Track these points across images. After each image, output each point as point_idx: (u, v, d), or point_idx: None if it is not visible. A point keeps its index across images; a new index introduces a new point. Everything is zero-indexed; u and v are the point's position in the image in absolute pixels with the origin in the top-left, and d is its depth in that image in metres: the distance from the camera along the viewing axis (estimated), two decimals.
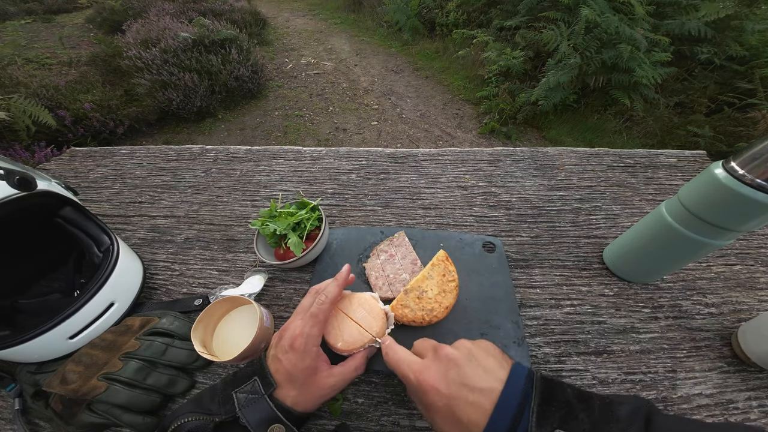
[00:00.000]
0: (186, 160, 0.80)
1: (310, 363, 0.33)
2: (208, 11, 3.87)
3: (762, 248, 0.57)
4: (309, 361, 0.33)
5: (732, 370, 0.44)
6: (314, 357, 0.34)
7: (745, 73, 2.12)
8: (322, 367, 0.34)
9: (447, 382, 0.28)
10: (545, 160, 0.74)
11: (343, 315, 0.40)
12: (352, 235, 0.60)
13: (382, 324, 0.41)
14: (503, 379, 0.27)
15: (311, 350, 0.34)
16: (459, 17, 3.48)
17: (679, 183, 0.68)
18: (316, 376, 0.34)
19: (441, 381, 0.28)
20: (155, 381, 0.41)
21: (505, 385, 0.26)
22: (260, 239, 0.55)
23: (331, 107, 3.00)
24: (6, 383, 0.44)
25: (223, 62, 2.85)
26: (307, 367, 0.33)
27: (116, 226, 0.66)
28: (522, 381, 0.26)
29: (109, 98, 2.49)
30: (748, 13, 2.14)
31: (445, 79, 3.28)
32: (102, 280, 0.47)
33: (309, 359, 0.33)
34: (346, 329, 0.38)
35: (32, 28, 4.34)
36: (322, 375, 0.34)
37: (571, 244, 0.59)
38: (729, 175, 0.36)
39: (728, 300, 0.50)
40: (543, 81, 2.36)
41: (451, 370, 0.28)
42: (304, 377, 0.33)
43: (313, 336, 0.34)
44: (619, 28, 2.12)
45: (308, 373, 0.33)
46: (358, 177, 0.73)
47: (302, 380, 0.33)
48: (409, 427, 0.41)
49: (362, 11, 4.72)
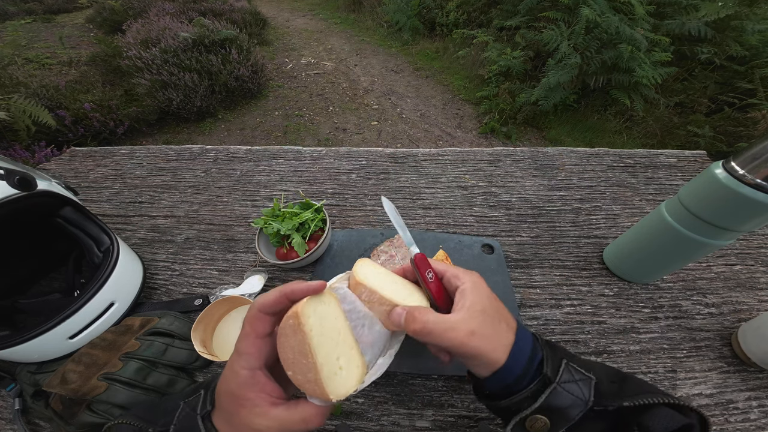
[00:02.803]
0: (186, 160, 0.80)
1: (234, 389, 0.25)
2: (208, 11, 3.87)
3: (762, 248, 0.57)
4: (234, 385, 0.25)
5: (732, 370, 0.44)
6: (242, 383, 0.25)
7: (745, 73, 2.12)
8: (256, 399, 0.24)
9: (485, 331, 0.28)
10: (545, 160, 0.74)
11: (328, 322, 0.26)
12: (352, 236, 0.60)
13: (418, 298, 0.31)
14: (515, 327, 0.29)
15: (239, 373, 0.25)
16: (459, 17, 3.48)
17: (679, 183, 0.68)
18: (242, 408, 0.25)
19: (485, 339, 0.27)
20: (155, 381, 0.41)
21: (517, 329, 0.29)
22: (262, 238, 0.55)
23: (331, 107, 3.00)
24: (6, 383, 0.44)
25: (223, 62, 2.85)
26: (230, 392, 0.25)
27: (116, 226, 0.66)
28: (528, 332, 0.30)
29: (109, 98, 2.49)
30: (749, 13, 2.14)
31: (445, 79, 3.28)
32: (102, 280, 0.47)
33: (234, 383, 0.25)
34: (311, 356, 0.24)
35: (32, 28, 4.33)
36: (252, 411, 0.24)
37: (571, 244, 0.59)
38: (729, 175, 0.36)
39: (728, 300, 0.50)
40: (543, 81, 2.36)
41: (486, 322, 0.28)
42: (228, 405, 0.25)
43: (240, 353, 0.25)
44: (620, 28, 2.12)
45: (232, 402, 0.25)
46: (358, 177, 0.73)
47: (226, 407, 0.25)
48: (409, 427, 0.41)
49: (362, 11, 4.72)
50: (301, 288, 0.26)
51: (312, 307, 0.25)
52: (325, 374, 0.23)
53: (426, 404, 0.42)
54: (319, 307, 0.25)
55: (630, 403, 0.25)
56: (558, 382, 0.26)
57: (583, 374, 0.27)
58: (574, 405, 0.25)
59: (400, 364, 0.44)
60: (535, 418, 0.26)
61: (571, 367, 0.27)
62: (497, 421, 0.41)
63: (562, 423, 0.25)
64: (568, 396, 0.26)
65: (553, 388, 0.26)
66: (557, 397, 0.26)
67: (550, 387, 0.26)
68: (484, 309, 0.28)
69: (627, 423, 0.25)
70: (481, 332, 0.27)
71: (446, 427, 0.41)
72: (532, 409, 0.26)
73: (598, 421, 0.26)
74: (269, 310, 0.26)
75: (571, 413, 0.25)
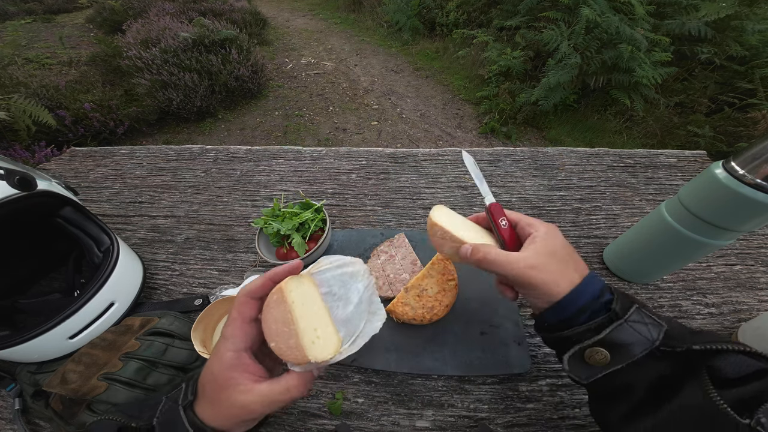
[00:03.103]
0: (186, 160, 0.80)
1: (218, 370, 0.26)
2: (208, 11, 3.87)
3: (762, 248, 0.57)
4: (217, 367, 0.27)
5: None
6: (226, 365, 0.26)
7: (745, 73, 2.12)
8: (239, 379, 0.26)
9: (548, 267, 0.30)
10: (545, 160, 0.74)
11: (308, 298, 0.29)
12: (352, 236, 0.60)
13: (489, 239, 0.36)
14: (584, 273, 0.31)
15: (223, 355, 0.27)
16: (459, 17, 3.48)
17: (679, 183, 0.68)
18: (226, 389, 0.26)
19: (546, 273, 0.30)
20: (155, 381, 0.41)
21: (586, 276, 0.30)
22: (262, 238, 0.55)
23: (331, 107, 3.00)
24: (6, 383, 0.44)
25: (223, 62, 2.85)
26: (213, 375, 0.27)
27: (116, 226, 0.66)
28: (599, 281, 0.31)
29: (109, 98, 2.49)
30: (749, 13, 2.14)
31: (445, 79, 3.28)
32: (102, 280, 0.47)
33: (218, 365, 0.27)
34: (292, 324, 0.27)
35: (32, 28, 4.33)
36: (236, 389, 0.26)
37: (571, 244, 0.59)
38: (729, 175, 0.36)
39: (728, 300, 0.50)
40: (543, 81, 2.36)
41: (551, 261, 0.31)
42: (210, 388, 0.27)
43: (226, 337, 0.27)
44: (620, 28, 2.12)
45: (215, 384, 0.27)
46: (358, 177, 0.73)
47: (210, 391, 0.27)
48: (409, 427, 0.41)
49: (362, 11, 4.72)
50: (283, 269, 0.29)
51: (294, 284, 0.28)
52: (305, 340, 0.26)
53: (426, 404, 0.43)
54: (300, 287, 0.28)
55: (700, 346, 0.25)
56: (626, 319, 0.27)
57: (655, 320, 0.27)
58: (639, 343, 0.26)
59: (400, 364, 0.44)
60: (595, 350, 0.27)
61: (643, 312, 0.27)
62: (497, 420, 0.41)
63: (623, 358, 0.27)
64: (634, 333, 0.26)
65: (620, 323, 0.27)
66: (622, 332, 0.27)
67: (617, 322, 0.27)
68: (552, 252, 0.31)
69: (695, 366, 0.25)
70: (543, 267, 0.30)
71: (446, 427, 0.41)
72: (594, 341, 0.27)
73: (663, 361, 0.26)
74: (255, 294, 0.28)
75: (634, 350, 0.26)
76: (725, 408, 0.23)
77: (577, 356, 0.29)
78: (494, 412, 0.41)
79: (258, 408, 0.26)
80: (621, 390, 0.28)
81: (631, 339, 0.27)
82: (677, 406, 0.25)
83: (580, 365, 0.29)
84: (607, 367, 0.28)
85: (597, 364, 0.28)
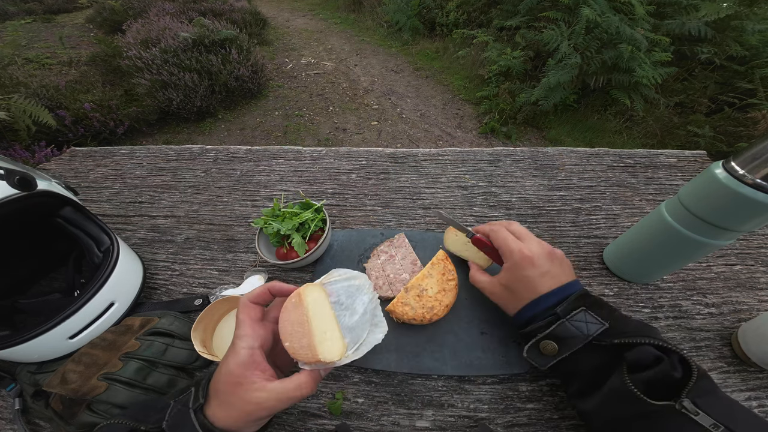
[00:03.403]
0: (186, 160, 0.80)
1: (234, 368, 0.27)
2: (208, 11, 3.87)
3: (762, 248, 0.57)
4: (233, 364, 0.28)
5: (732, 370, 0.44)
6: (241, 362, 0.28)
7: (745, 73, 2.12)
8: (252, 377, 0.27)
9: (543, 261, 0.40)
10: (545, 160, 0.74)
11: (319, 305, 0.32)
12: (352, 236, 0.60)
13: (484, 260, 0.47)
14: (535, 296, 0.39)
15: (239, 353, 0.28)
16: (459, 17, 3.48)
17: (679, 183, 0.68)
18: (241, 387, 0.27)
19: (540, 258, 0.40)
20: (155, 381, 0.41)
21: (539, 297, 0.39)
22: (262, 238, 0.55)
23: (331, 107, 3.00)
24: (6, 383, 0.44)
25: (223, 62, 2.85)
26: (229, 372, 0.28)
27: (116, 226, 0.66)
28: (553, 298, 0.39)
29: (109, 98, 2.49)
30: (749, 13, 2.14)
31: (445, 79, 3.28)
32: (102, 280, 0.46)
33: (234, 362, 0.28)
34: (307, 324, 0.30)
35: (32, 28, 4.33)
36: (250, 387, 0.27)
37: (571, 244, 0.59)
38: (729, 175, 0.36)
39: (728, 300, 0.50)
40: (543, 81, 2.36)
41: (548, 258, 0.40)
42: (225, 387, 0.28)
43: (240, 336, 0.29)
44: (620, 28, 2.12)
45: (230, 382, 0.27)
46: (358, 177, 0.73)
47: (223, 390, 0.28)
48: (409, 427, 0.41)
49: (362, 11, 4.72)
50: (281, 286, 0.33)
51: (309, 291, 0.32)
52: (317, 340, 0.29)
53: (426, 404, 0.42)
54: (314, 294, 0.32)
55: (619, 340, 0.33)
56: (567, 318, 0.35)
57: (597, 320, 0.35)
58: (577, 337, 0.34)
59: (400, 364, 0.44)
60: (546, 342, 0.36)
61: (588, 313, 0.35)
62: (497, 420, 0.41)
63: (566, 349, 0.35)
64: (573, 330, 0.35)
65: (561, 322, 0.35)
66: (563, 329, 0.35)
67: (558, 321, 0.36)
68: (506, 285, 0.41)
69: (620, 356, 0.33)
70: (499, 295, 0.43)
71: (446, 427, 0.41)
72: (543, 335, 0.36)
73: (598, 352, 0.34)
74: (256, 300, 0.32)
75: (574, 342, 0.35)
76: (634, 390, 0.30)
77: (534, 347, 0.37)
78: (494, 412, 0.41)
79: (272, 404, 0.27)
80: (571, 374, 0.37)
81: (571, 333, 0.35)
82: (608, 388, 0.32)
83: (536, 354, 0.38)
84: (556, 356, 0.36)
85: (549, 353, 0.36)
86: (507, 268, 0.41)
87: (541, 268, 0.39)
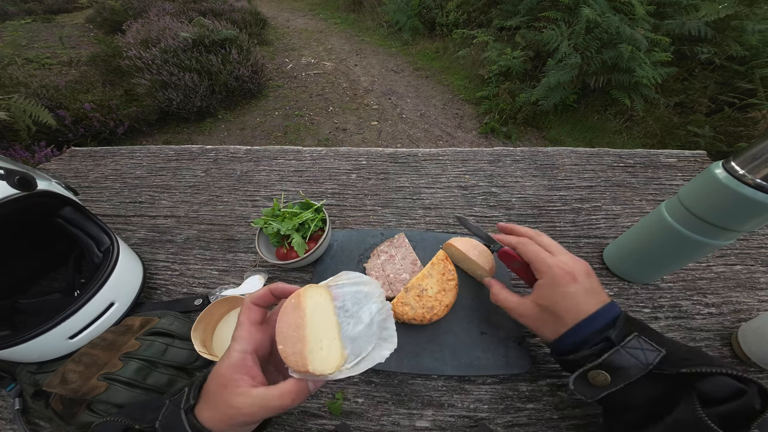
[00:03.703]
0: (186, 160, 0.80)
1: (223, 371, 0.27)
2: (208, 11, 3.87)
3: (762, 248, 0.57)
4: (224, 367, 0.27)
5: None
6: (232, 365, 0.27)
7: (745, 73, 2.12)
8: (239, 381, 0.27)
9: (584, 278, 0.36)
10: (545, 160, 0.74)
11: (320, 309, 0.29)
12: (352, 236, 0.60)
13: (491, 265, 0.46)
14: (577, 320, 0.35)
15: (231, 355, 0.28)
16: (459, 17, 3.48)
17: (679, 183, 0.68)
18: (226, 389, 0.27)
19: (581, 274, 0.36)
20: (155, 381, 0.41)
21: (582, 320, 0.34)
22: (262, 238, 0.55)
23: (331, 107, 3.00)
24: (6, 383, 0.44)
25: (223, 62, 2.85)
26: (219, 374, 0.27)
27: (116, 226, 0.66)
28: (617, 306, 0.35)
29: (109, 98, 2.49)
30: (749, 13, 2.14)
31: (445, 79, 3.28)
32: (102, 280, 0.46)
33: (225, 364, 0.27)
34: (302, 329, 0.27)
35: (32, 28, 4.33)
36: (234, 391, 0.26)
37: (571, 244, 0.59)
38: (729, 175, 0.36)
39: (728, 300, 0.50)
40: (543, 81, 2.36)
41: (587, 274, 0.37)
42: (213, 388, 0.27)
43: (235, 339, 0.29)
44: (620, 28, 2.12)
45: (218, 384, 0.27)
46: (358, 177, 0.73)
47: (212, 391, 0.27)
48: (409, 427, 0.41)
49: (362, 11, 4.72)
50: (284, 287, 0.31)
51: (311, 293, 0.29)
52: (309, 348, 0.27)
53: (426, 404, 0.42)
54: (316, 297, 0.29)
55: (687, 370, 0.28)
56: (622, 345, 0.31)
57: (654, 346, 0.30)
58: (635, 367, 0.30)
59: (400, 364, 0.44)
60: (597, 372, 0.31)
61: (642, 339, 0.31)
62: (497, 420, 0.41)
63: (621, 380, 0.30)
64: (630, 359, 0.30)
65: (616, 350, 0.31)
66: (619, 357, 0.30)
67: (613, 348, 0.31)
68: (545, 306, 0.36)
69: (686, 386, 0.29)
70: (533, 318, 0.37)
71: (446, 427, 0.41)
72: (594, 364, 0.31)
73: (659, 382, 0.30)
74: (258, 302, 0.31)
75: (630, 372, 0.30)
76: (711, 425, 0.26)
77: (582, 377, 0.33)
78: (494, 412, 0.41)
79: (254, 411, 0.26)
80: (624, 406, 0.32)
81: (628, 363, 0.30)
82: (672, 420, 0.28)
83: (584, 385, 0.33)
84: (609, 388, 0.31)
85: (600, 385, 0.32)
86: (543, 285, 0.36)
87: (583, 285, 0.35)
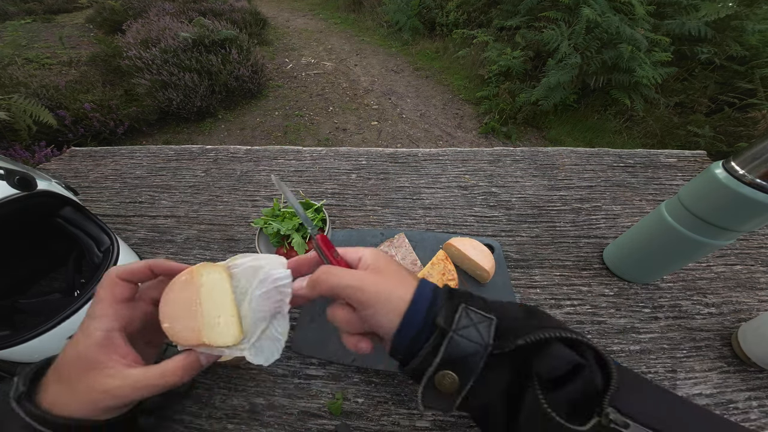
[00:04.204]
0: (186, 160, 0.80)
1: (84, 351, 0.24)
2: (208, 11, 3.87)
3: (762, 248, 0.57)
4: (83, 347, 0.24)
5: (732, 370, 0.44)
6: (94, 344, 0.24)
7: (745, 73, 2.12)
8: (109, 362, 0.24)
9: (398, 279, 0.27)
10: (545, 160, 0.74)
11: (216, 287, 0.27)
12: (352, 236, 0.60)
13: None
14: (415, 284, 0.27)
15: (92, 334, 0.24)
16: (459, 17, 3.48)
17: (679, 183, 0.68)
18: (92, 371, 0.23)
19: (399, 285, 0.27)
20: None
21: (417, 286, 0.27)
22: (262, 238, 0.55)
23: (331, 107, 3.00)
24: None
25: (223, 62, 2.85)
26: (78, 356, 0.24)
27: (116, 226, 0.66)
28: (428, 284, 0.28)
29: (109, 98, 2.49)
30: (749, 13, 2.14)
31: (445, 79, 3.28)
32: None
33: (84, 345, 0.24)
34: (196, 306, 0.26)
35: (32, 28, 4.33)
36: (103, 372, 0.23)
37: (571, 244, 0.59)
38: (729, 175, 0.36)
39: (728, 300, 0.50)
40: (543, 81, 2.36)
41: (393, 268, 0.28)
42: (73, 371, 0.24)
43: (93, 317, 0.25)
44: (620, 28, 2.12)
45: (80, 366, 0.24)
46: (358, 177, 0.73)
47: (69, 375, 0.24)
48: (409, 427, 0.41)
49: (362, 11, 4.72)
50: (170, 264, 0.28)
51: (206, 270, 0.27)
52: (205, 323, 0.25)
53: None
54: (212, 274, 0.27)
55: (523, 341, 0.23)
56: (454, 329, 0.23)
57: (483, 316, 0.24)
58: (475, 352, 0.23)
59: None
60: (443, 374, 0.24)
61: (470, 311, 0.24)
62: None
63: (468, 375, 0.23)
64: (467, 343, 0.23)
65: (450, 337, 0.23)
66: (456, 346, 0.23)
67: (447, 336, 0.23)
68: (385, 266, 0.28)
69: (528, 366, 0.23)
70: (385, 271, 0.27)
71: (446, 427, 0.41)
72: (435, 365, 0.23)
73: (500, 370, 0.24)
74: (128, 277, 0.27)
75: (472, 362, 0.23)
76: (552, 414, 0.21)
77: (430, 386, 0.24)
78: None
79: (126, 393, 0.23)
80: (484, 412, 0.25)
81: (466, 350, 0.23)
82: (525, 417, 0.23)
83: (434, 396, 0.24)
84: (460, 390, 0.24)
85: (449, 390, 0.24)
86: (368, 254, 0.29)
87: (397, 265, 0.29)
